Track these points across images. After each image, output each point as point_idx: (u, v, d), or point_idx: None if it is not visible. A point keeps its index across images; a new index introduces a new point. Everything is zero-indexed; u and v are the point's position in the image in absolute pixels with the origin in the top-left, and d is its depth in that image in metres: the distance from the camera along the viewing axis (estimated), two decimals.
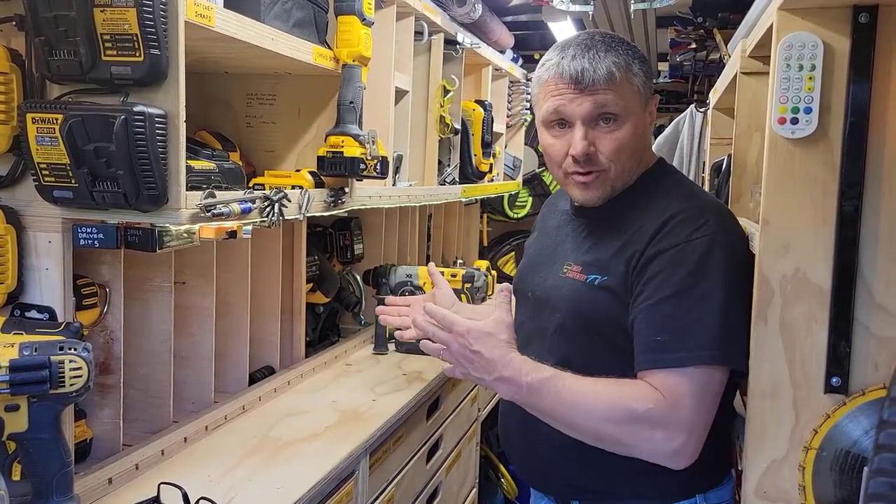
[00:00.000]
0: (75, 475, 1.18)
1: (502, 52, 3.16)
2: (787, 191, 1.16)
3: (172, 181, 1.14)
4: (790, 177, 1.16)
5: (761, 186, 1.21)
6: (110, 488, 1.31)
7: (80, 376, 1.07)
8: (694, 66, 2.96)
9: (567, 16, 2.97)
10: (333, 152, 1.63)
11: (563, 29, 3.12)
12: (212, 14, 1.22)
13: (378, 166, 1.71)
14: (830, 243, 1.14)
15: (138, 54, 1.10)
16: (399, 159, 2.21)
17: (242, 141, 1.79)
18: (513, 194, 3.74)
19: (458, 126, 2.59)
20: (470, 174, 2.79)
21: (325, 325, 2.28)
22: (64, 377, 1.06)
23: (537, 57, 3.53)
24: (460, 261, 3.27)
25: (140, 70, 1.11)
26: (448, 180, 2.69)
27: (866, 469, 0.96)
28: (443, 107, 2.43)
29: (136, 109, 1.09)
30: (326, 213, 1.70)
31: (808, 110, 1.13)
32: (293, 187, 1.56)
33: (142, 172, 1.10)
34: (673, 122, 3.59)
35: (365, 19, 1.65)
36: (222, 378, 1.73)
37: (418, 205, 2.58)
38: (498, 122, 3.12)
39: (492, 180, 3.12)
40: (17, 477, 1.11)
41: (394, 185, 2.15)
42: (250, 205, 1.33)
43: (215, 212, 1.23)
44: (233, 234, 1.51)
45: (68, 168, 1.12)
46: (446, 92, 2.45)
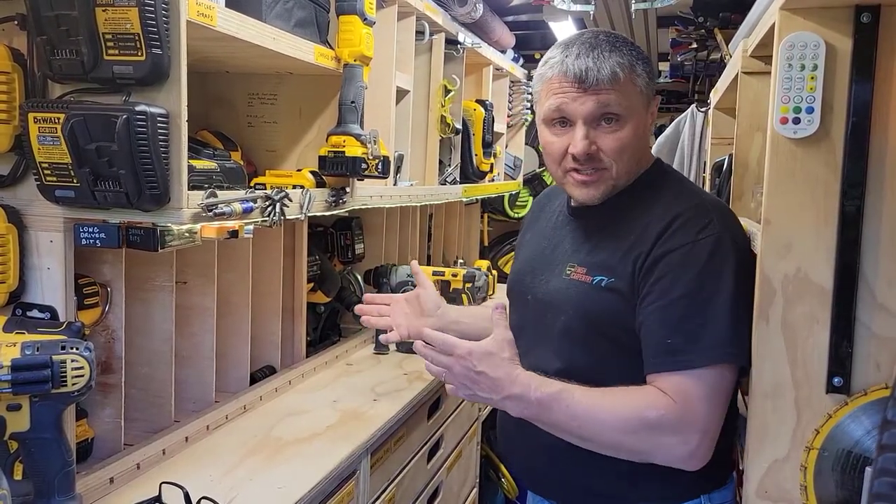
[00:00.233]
0: (77, 475, 1.18)
1: (503, 51, 3.16)
2: (788, 191, 1.16)
3: (174, 181, 1.14)
4: (792, 177, 1.16)
5: (763, 186, 1.21)
6: (112, 488, 1.31)
7: (82, 376, 1.08)
8: (695, 66, 2.96)
9: (568, 15, 2.97)
10: (335, 152, 1.63)
11: (564, 29, 3.12)
12: (213, 13, 1.22)
13: (379, 166, 1.71)
14: (832, 243, 1.14)
15: (140, 54, 1.10)
16: (400, 159, 2.21)
17: (244, 140, 1.79)
18: (513, 194, 3.74)
19: (458, 126, 2.59)
20: (471, 174, 2.78)
21: (326, 325, 2.28)
22: (66, 377, 1.06)
23: (538, 57, 3.53)
24: (461, 260, 3.27)
25: (142, 69, 1.11)
26: (449, 180, 2.69)
27: (869, 469, 0.96)
28: (444, 106, 2.43)
29: (138, 109, 1.09)
30: (328, 213, 1.70)
31: (810, 110, 1.13)
32: (294, 187, 1.56)
33: (144, 172, 1.10)
34: (674, 122, 3.59)
35: (366, 19, 1.65)
36: (223, 377, 1.73)
37: (419, 204, 2.58)
38: (499, 122, 3.12)
39: (492, 180, 3.12)
40: (18, 476, 1.11)
41: (395, 184, 2.15)
42: (252, 204, 1.33)
43: (217, 211, 1.24)
44: (234, 234, 1.51)
45: (70, 167, 1.12)
46: (447, 92, 2.45)
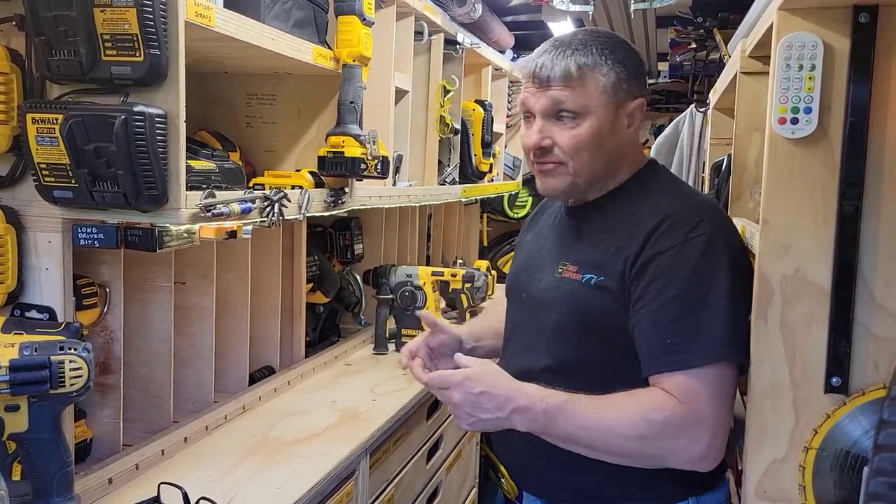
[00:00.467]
0: (75, 475, 1.18)
1: (502, 51, 3.16)
2: (787, 191, 1.16)
3: (172, 181, 1.14)
4: (790, 177, 1.16)
5: (761, 186, 1.21)
6: (110, 488, 1.31)
7: (81, 376, 1.07)
8: (694, 66, 2.96)
9: (567, 16, 2.97)
10: (334, 152, 1.63)
11: (563, 29, 3.13)
12: (212, 14, 1.22)
13: (378, 166, 1.71)
14: (830, 243, 1.14)
15: (138, 54, 1.10)
16: (399, 159, 2.21)
17: (242, 141, 1.79)
18: (513, 194, 3.74)
19: (458, 126, 2.59)
20: (470, 174, 2.79)
21: (325, 325, 2.28)
22: (64, 377, 1.06)
23: None
24: (460, 261, 3.27)
25: (140, 70, 1.11)
26: (448, 180, 2.69)
27: (866, 469, 0.96)
28: (443, 107, 2.43)
29: (137, 109, 1.09)
30: (326, 213, 1.70)
31: (808, 110, 1.13)
32: (293, 187, 1.56)
33: (142, 172, 1.10)
34: (673, 123, 3.59)
35: (365, 19, 1.65)
36: (222, 378, 1.73)
37: (418, 205, 2.58)
38: (498, 122, 3.12)
39: (492, 180, 3.12)
40: (17, 477, 1.11)
41: (394, 185, 2.15)
42: (250, 205, 1.33)
43: (215, 212, 1.23)
44: (233, 234, 1.51)
45: (68, 168, 1.12)
46: (446, 92, 2.45)
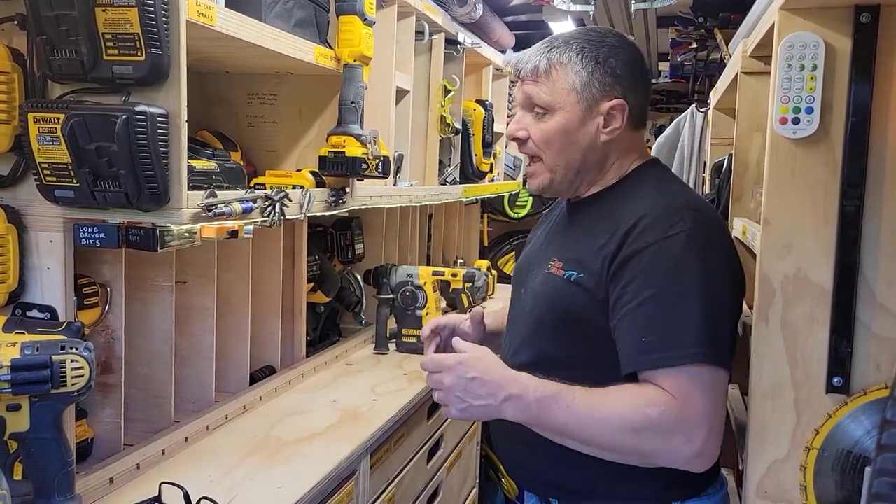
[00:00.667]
0: (76, 475, 1.18)
1: (503, 51, 3.16)
2: (788, 191, 1.16)
3: (174, 181, 1.14)
4: (791, 177, 1.16)
5: (762, 186, 1.21)
6: (111, 488, 1.31)
7: (82, 376, 1.08)
8: (695, 66, 2.96)
9: (568, 15, 2.97)
10: (335, 152, 1.63)
11: (564, 28, 3.12)
12: (213, 14, 1.22)
13: (379, 166, 1.71)
14: (832, 243, 1.14)
15: (140, 54, 1.10)
16: (400, 159, 2.21)
17: (244, 141, 1.79)
18: (513, 194, 3.74)
19: (458, 126, 2.59)
20: (470, 174, 2.78)
21: (326, 325, 2.28)
22: (65, 377, 1.06)
23: None
24: (461, 261, 3.27)
25: (142, 69, 1.11)
26: (449, 180, 2.69)
27: (869, 469, 0.95)
28: (444, 106, 2.43)
29: (138, 109, 1.09)
30: (327, 213, 1.70)
31: (810, 110, 1.13)
32: (294, 187, 1.56)
33: (143, 172, 1.10)
34: (674, 122, 3.59)
35: (366, 19, 1.65)
36: (223, 378, 1.73)
37: (419, 205, 2.58)
38: (499, 122, 3.12)
39: (492, 180, 3.12)
40: (18, 476, 1.11)
41: (395, 184, 2.15)
42: (251, 204, 1.33)
43: (216, 211, 1.23)
44: (234, 234, 1.51)
45: (70, 167, 1.12)
46: (447, 92, 2.45)
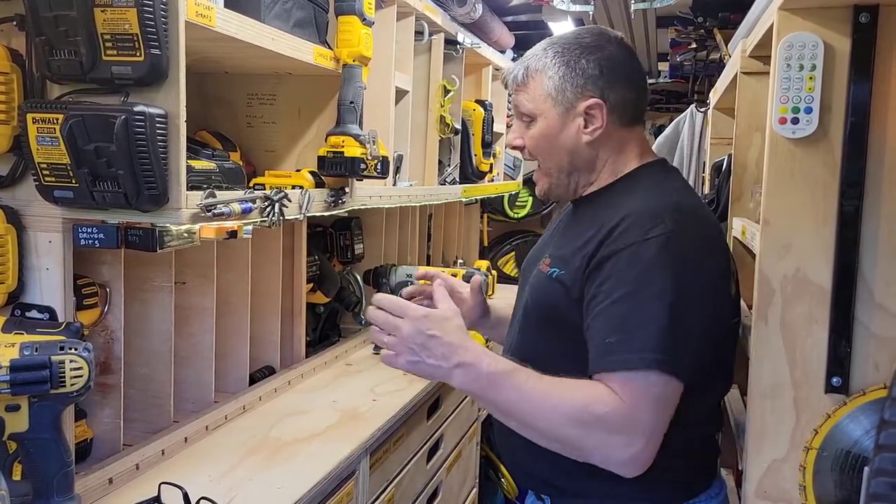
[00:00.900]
0: (76, 475, 1.18)
1: (502, 51, 3.16)
2: (787, 191, 1.16)
3: (173, 181, 1.14)
4: (791, 177, 1.16)
5: (762, 186, 1.21)
6: (111, 488, 1.31)
7: (81, 376, 1.07)
8: (694, 66, 2.96)
9: (567, 16, 2.97)
10: (334, 152, 1.63)
11: (564, 29, 3.12)
12: (212, 14, 1.22)
13: (378, 166, 1.71)
14: (831, 243, 1.14)
15: (139, 54, 1.10)
16: (399, 159, 2.21)
17: (243, 141, 1.79)
18: (513, 194, 3.74)
19: (458, 126, 2.59)
20: (470, 174, 2.78)
21: (326, 325, 2.28)
22: (65, 377, 1.06)
23: None
24: (461, 260, 3.27)
25: (140, 70, 1.10)
26: (448, 180, 2.69)
27: (867, 469, 0.96)
28: (443, 107, 2.43)
29: (137, 109, 1.09)
30: (327, 213, 1.70)
31: (809, 110, 1.13)
32: (293, 187, 1.56)
33: (142, 172, 1.10)
34: (673, 122, 3.60)
35: (365, 19, 1.65)
36: (223, 378, 1.73)
37: (419, 205, 2.58)
38: (498, 122, 3.11)
39: (492, 180, 3.11)
40: (17, 477, 1.11)
41: (394, 185, 2.15)
42: (251, 205, 1.33)
43: (216, 212, 1.23)
44: (233, 234, 1.51)
45: (69, 168, 1.12)
46: (447, 92, 2.44)
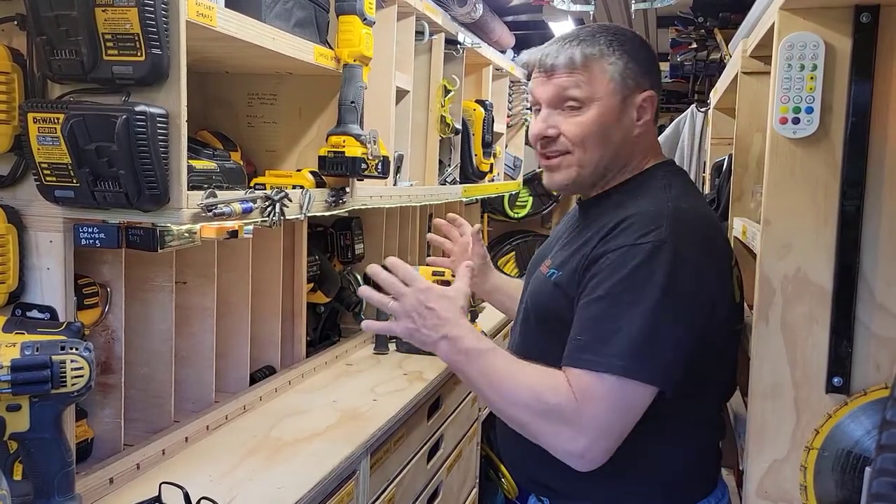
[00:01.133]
0: (76, 475, 1.18)
1: (503, 51, 3.16)
2: (788, 191, 1.16)
3: (174, 181, 1.14)
4: (791, 177, 1.16)
5: (762, 186, 1.21)
6: (111, 488, 1.31)
7: (82, 376, 1.08)
8: (695, 66, 2.96)
9: (568, 15, 2.97)
10: (335, 152, 1.63)
11: (564, 28, 3.12)
12: (213, 14, 1.22)
13: (379, 166, 1.71)
14: (832, 243, 1.14)
15: (140, 54, 1.10)
16: (400, 159, 2.21)
17: (243, 141, 1.79)
18: (513, 194, 3.73)
19: (458, 126, 2.59)
20: (470, 174, 2.78)
21: (326, 325, 2.27)
22: (65, 377, 1.06)
23: None
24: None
25: (141, 69, 1.11)
26: (449, 180, 2.69)
27: (869, 469, 0.96)
28: (443, 106, 2.43)
29: (138, 109, 1.09)
30: (327, 213, 1.70)
31: (810, 110, 1.13)
32: (294, 187, 1.56)
33: (143, 172, 1.10)
34: (674, 122, 3.60)
35: (366, 19, 1.65)
36: (223, 378, 1.73)
37: (419, 205, 2.58)
38: (498, 122, 3.12)
39: (492, 180, 3.11)
40: (18, 477, 1.11)
41: (395, 184, 2.15)
42: (251, 204, 1.33)
43: (216, 211, 1.23)
44: (234, 234, 1.51)
45: (70, 168, 1.12)
46: (447, 92, 2.44)
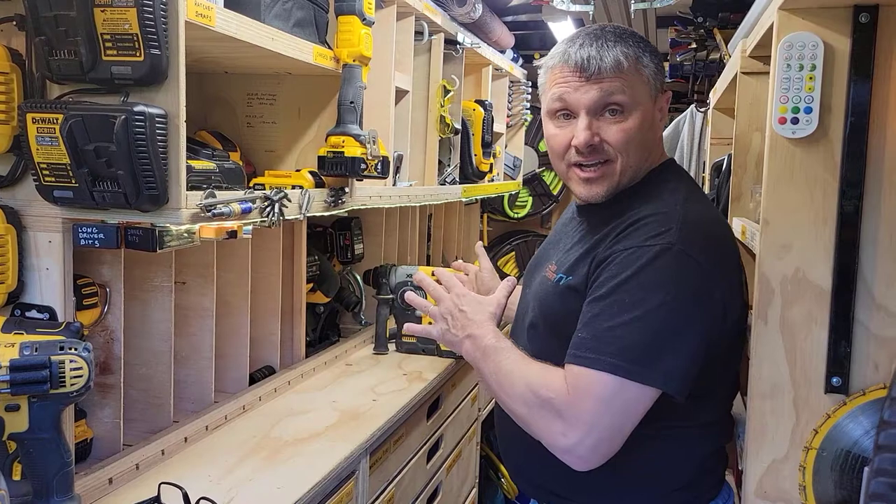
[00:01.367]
0: (76, 475, 1.18)
1: (502, 51, 3.16)
2: (787, 191, 1.16)
3: (173, 181, 1.14)
4: (790, 177, 1.16)
5: (761, 186, 1.21)
6: (111, 488, 1.31)
7: (81, 376, 1.08)
8: (694, 66, 2.95)
9: (567, 16, 2.97)
10: (334, 152, 1.63)
11: (564, 29, 3.12)
12: (212, 14, 1.22)
13: (378, 166, 1.71)
14: (831, 243, 1.14)
15: (139, 54, 1.10)
16: (399, 159, 2.21)
17: (243, 141, 1.79)
18: (513, 194, 3.74)
19: (458, 126, 2.59)
20: (470, 174, 2.78)
21: (326, 325, 2.28)
22: (64, 377, 1.06)
23: (537, 57, 3.54)
24: (461, 261, 3.27)
25: (140, 70, 1.11)
26: (448, 180, 2.69)
27: (867, 469, 0.96)
28: (443, 107, 2.43)
29: (137, 109, 1.09)
30: (327, 213, 1.70)
31: (809, 110, 1.13)
32: (293, 187, 1.56)
33: (142, 172, 1.10)
34: (673, 122, 3.60)
35: (365, 19, 1.65)
36: (222, 378, 1.73)
37: (419, 205, 2.58)
38: (498, 122, 3.12)
39: (492, 180, 3.11)
40: (17, 477, 1.11)
41: (394, 185, 2.15)
42: (251, 205, 1.33)
43: (215, 212, 1.23)
44: (233, 234, 1.51)
45: (68, 168, 1.12)
46: (446, 92, 2.44)
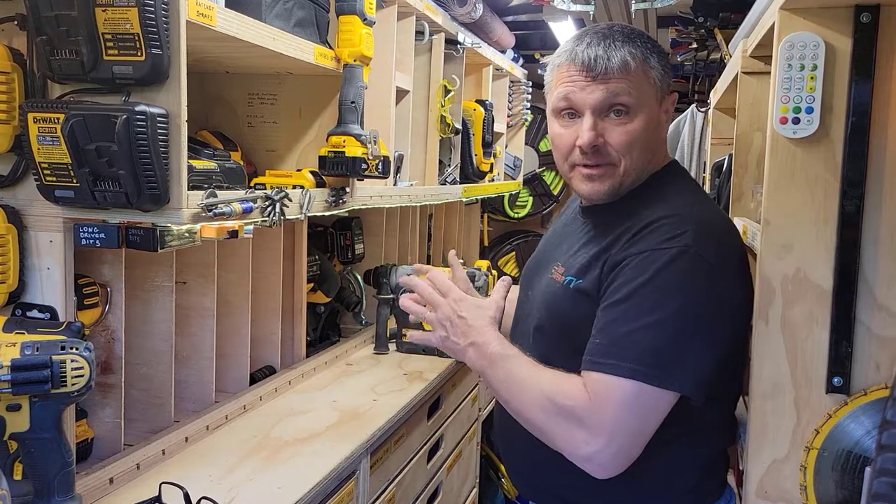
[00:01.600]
0: (77, 475, 1.18)
1: (503, 51, 3.16)
2: (788, 191, 1.16)
3: (174, 181, 1.14)
4: (791, 177, 1.16)
5: (762, 186, 1.21)
6: (111, 488, 1.31)
7: (82, 376, 1.08)
8: (695, 66, 2.95)
9: (568, 15, 2.97)
10: (335, 152, 1.63)
11: (564, 29, 3.12)
12: (213, 14, 1.22)
13: (379, 166, 1.71)
14: (832, 243, 1.14)
15: (140, 54, 1.10)
16: (400, 159, 2.21)
17: (244, 141, 1.79)
18: (513, 194, 3.74)
19: (458, 126, 2.59)
20: (471, 174, 2.78)
21: (326, 325, 2.28)
22: (65, 377, 1.06)
23: (538, 57, 3.54)
24: (461, 260, 3.27)
25: (142, 69, 1.11)
26: (449, 180, 2.69)
27: (869, 469, 0.96)
28: (444, 106, 2.43)
29: (138, 109, 1.09)
30: (327, 213, 1.70)
31: (810, 110, 1.13)
32: (294, 187, 1.56)
33: (143, 172, 1.10)
34: (674, 122, 3.60)
35: (366, 19, 1.65)
36: (223, 378, 1.73)
37: (419, 205, 2.58)
38: (499, 122, 3.11)
39: (492, 180, 3.11)
40: (18, 476, 1.11)
41: (395, 184, 2.15)
42: (251, 204, 1.33)
43: (216, 211, 1.23)
44: (234, 234, 1.51)
45: (70, 168, 1.12)
46: (447, 92, 2.44)
